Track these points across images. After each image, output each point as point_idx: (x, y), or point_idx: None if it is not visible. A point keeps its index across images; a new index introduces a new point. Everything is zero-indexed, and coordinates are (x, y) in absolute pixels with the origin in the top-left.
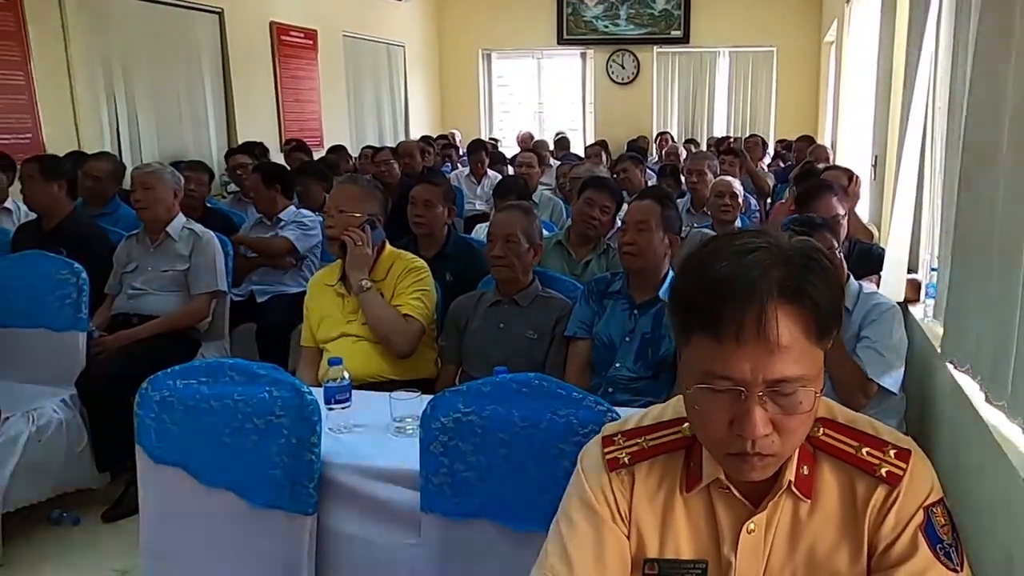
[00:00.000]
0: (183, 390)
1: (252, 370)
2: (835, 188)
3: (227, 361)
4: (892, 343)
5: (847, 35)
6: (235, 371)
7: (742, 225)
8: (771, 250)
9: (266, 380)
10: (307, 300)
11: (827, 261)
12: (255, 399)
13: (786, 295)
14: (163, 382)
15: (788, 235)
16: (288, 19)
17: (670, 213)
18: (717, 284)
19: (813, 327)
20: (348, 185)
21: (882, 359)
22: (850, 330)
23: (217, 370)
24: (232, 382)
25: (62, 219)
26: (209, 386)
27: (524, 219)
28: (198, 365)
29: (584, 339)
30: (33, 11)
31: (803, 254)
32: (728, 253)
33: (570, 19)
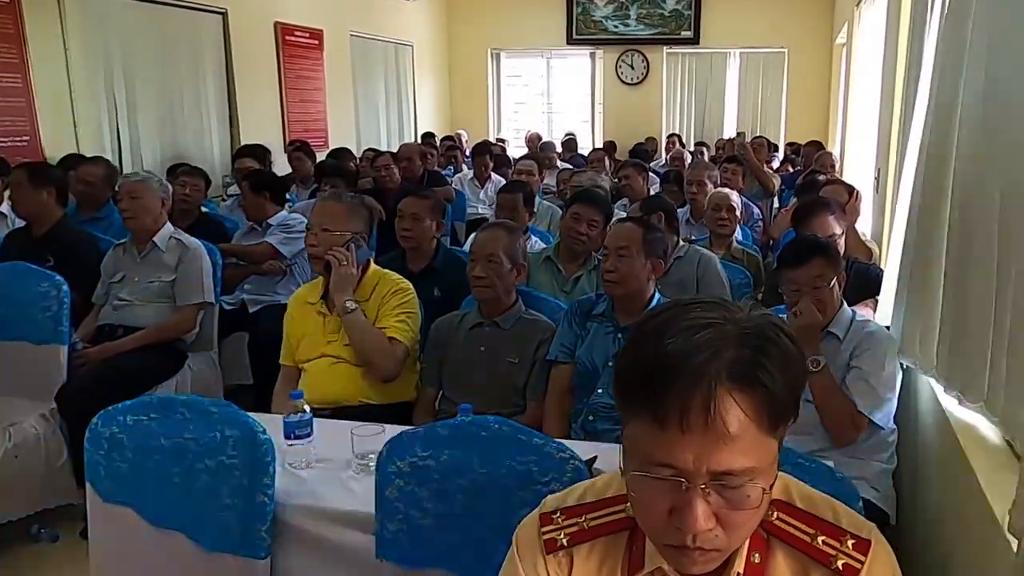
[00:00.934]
0: (133, 427)
1: (205, 407)
2: (832, 206)
3: (179, 397)
4: (884, 375)
5: (856, 39)
6: (187, 408)
7: (743, 236)
8: (724, 328)
9: (218, 418)
10: (287, 317)
11: (787, 340)
12: (206, 438)
13: (737, 380)
14: (113, 418)
15: (750, 305)
16: (293, 19)
17: (653, 236)
18: (662, 364)
19: (766, 416)
20: (332, 202)
21: (873, 392)
22: (840, 359)
23: (168, 406)
24: (183, 419)
25: (51, 226)
26: (160, 423)
27: (507, 238)
28: (149, 401)
29: (566, 363)
30: (32, 13)
31: (760, 333)
32: (678, 328)
33: (580, 19)
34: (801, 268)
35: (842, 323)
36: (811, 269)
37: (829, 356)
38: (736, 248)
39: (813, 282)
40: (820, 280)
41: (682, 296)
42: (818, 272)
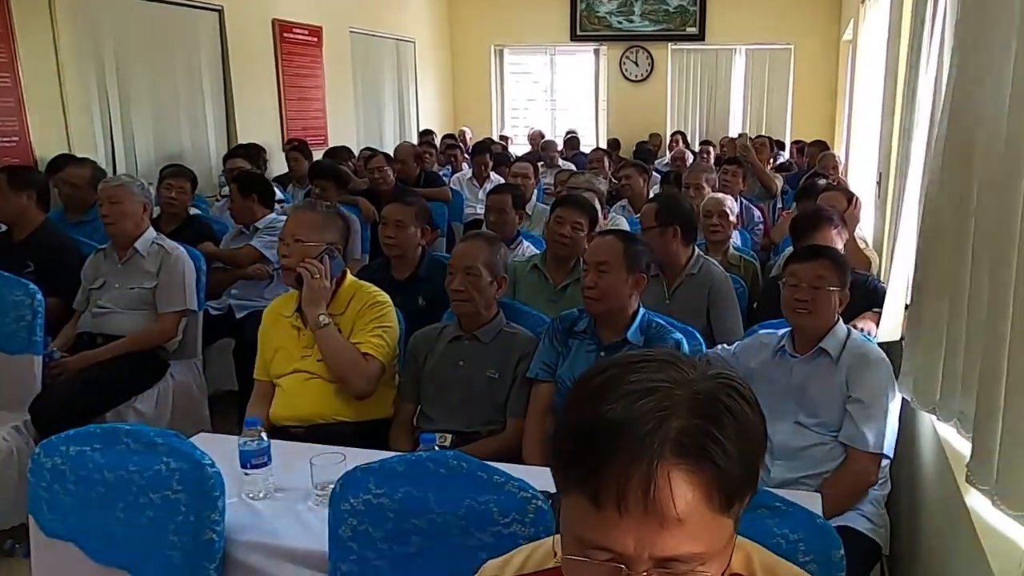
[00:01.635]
0: (75, 458)
1: (150, 438)
2: (834, 219)
3: (123, 427)
4: (886, 402)
5: (861, 37)
6: (131, 438)
7: (741, 241)
8: (672, 393)
9: (164, 450)
10: (261, 330)
11: (746, 406)
12: (151, 471)
13: (683, 455)
14: (55, 448)
15: (705, 361)
16: (291, 16)
17: (634, 250)
18: (599, 434)
19: (717, 494)
20: (306, 212)
21: (880, 424)
22: (835, 379)
23: (113, 436)
24: (128, 451)
25: (32, 231)
26: (103, 454)
27: (487, 250)
28: (93, 430)
29: (547, 382)
30: (21, 11)
31: (712, 399)
32: (620, 391)
33: (584, 15)
34: (807, 263)
35: (836, 340)
36: (816, 267)
37: (821, 374)
38: (733, 254)
39: (814, 281)
40: (820, 281)
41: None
42: (821, 272)
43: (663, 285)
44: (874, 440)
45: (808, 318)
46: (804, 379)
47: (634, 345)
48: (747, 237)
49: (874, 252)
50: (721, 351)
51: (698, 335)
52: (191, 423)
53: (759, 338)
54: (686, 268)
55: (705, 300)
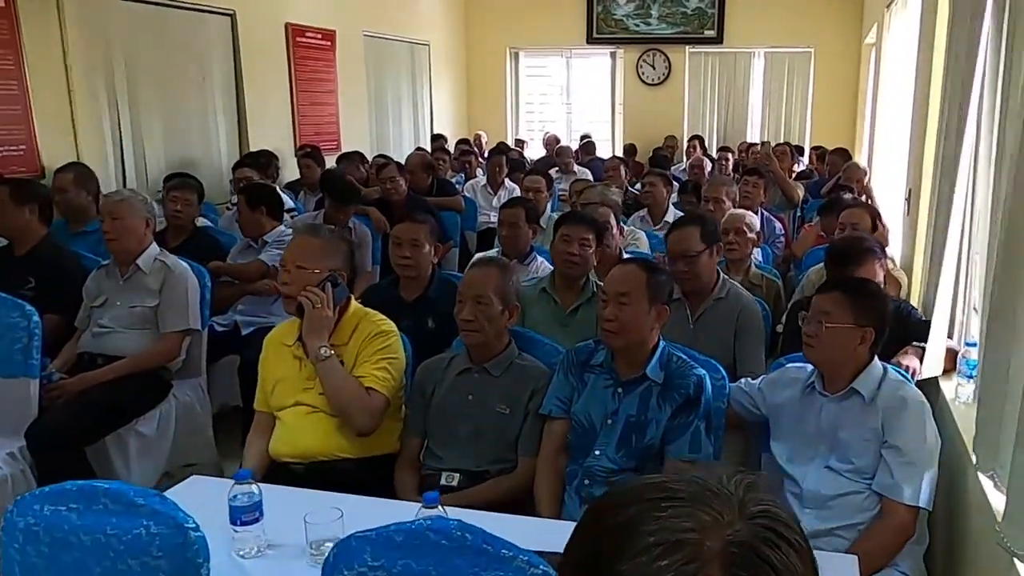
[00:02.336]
0: (50, 518)
1: (130, 498)
2: (878, 251)
3: (102, 485)
4: (926, 449)
5: (885, 43)
6: (110, 498)
7: (763, 256)
8: (702, 546)
9: (145, 512)
10: (262, 359)
11: (790, 554)
12: (130, 535)
13: None
14: (29, 506)
15: (743, 487)
16: (305, 20)
17: (657, 280)
18: None
19: None
20: (307, 237)
21: (919, 474)
22: (869, 423)
23: (91, 496)
24: (106, 511)
25: (33, 245)
26: (80, 515)
27: (499, 278)
28: (69, 488)
29: (561, 419)
30: (29, 17)
31: (750, 551)
32: (640, 546)
33: (600, 17)
34: (818, 295)
35: (870, 381)
36: (823, 300)
37: (853, 416)
38: (754, 273)
39: (818, 315)
40: (824, 316)
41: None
42: (827, 307)
43: (687, 310)
44: (913, 492)
45: (812, 353)
46: (835, 420)
47: (653, 381)
48: (768, 251)
49: (902, 272)
50: (745, 385)
51: (721, 369)
52: (194, 444)
53: (787, 372)
54: (713, 292)
55: (732, 327)
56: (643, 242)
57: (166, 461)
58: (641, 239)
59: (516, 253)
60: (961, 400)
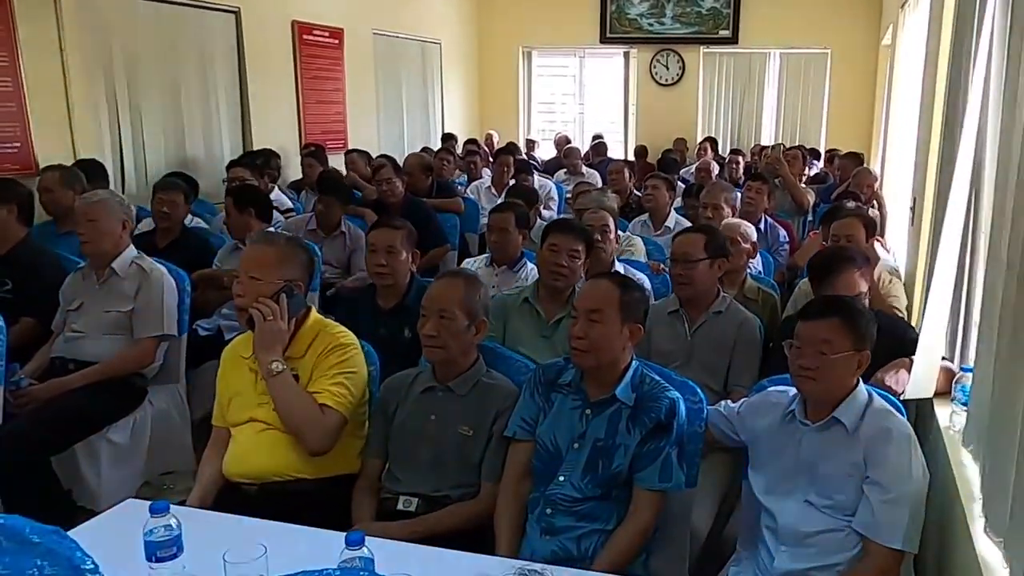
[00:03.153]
0: None
1: (24, 535)
2: (858, 260)
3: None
4: (912, 486)
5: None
6: (4, 535)
7: (763, 263)
8: None
9: (40, 551)
10: (220, 372)
11: None
12: (23, 575)
13: None
14: None
15: None
16: (312, 18)
17: (631, 298)
18: None
19: None
20: (261, 245)
21: (903, 514)
22: (850, 455)
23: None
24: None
25: (12, 246)
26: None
27: (464, 290)
28: None
29: (526, 442)
30: (26, 12)
31: None
32: None
33: (614, 17)
34: (813, 322)
35: (853, 410)
36: (823, 329)
37: (834, 448)
38: (750, 286)
39: (820, 346)
40: (827, 346)
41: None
42: (828, 335)
43: (684, 323)
44: (896, 534)
45: (813, 386)
46: (815, 453)
47: (623, 403)
48: (770, 261)
49: (901, 289)
50: (724, 409)
51: (699, 391)
52: (171, 453)
53: (768, 397)
54: (711, 306)
55: (730, 343)
56: (639, 249)
57: (141, 470)
58: (637, 245)
59: (506, 258)
60: (955, 429)
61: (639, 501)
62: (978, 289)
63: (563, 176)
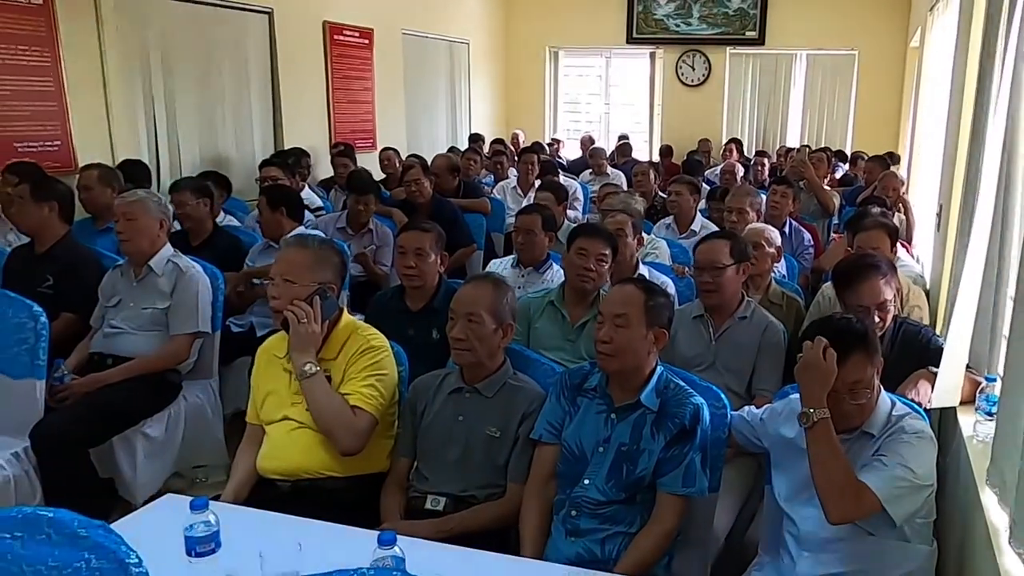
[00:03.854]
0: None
1: (73, 529)
2: (883, 267)
3: (47, 514)
4: (912, 471)
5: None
6: (54, 528)
7: (787, 266)
8: None
9: (87, 544)
10: (254, 370)
11: None
12: (70, 568)
13: None
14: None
15: None
16: (343, 18)
17: (656, 302)
18: None
19: None
20: (295, 249)
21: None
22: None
23: (34, 524)
24: (48, 542)
25: (53, 243)
26: (24, 544)
27: (492, 294)
28: (14, 515)
29: (551, 444)
30: (66, 14)
31: None
32: None
33: (640, 17)
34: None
35: (879, 419)
36: (848, 371)
37: (854, 454)
38: (775, 291)
39: (849, 387)
40: (858, 386)
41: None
42: (856, 377)
43: (709, 328)
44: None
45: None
46: None
47: (648, 409)
48: (794, 265)
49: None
50: (748, 415)
51: (723, 396)
52: (203, 446)
53: (791, 403)
54: (736, 311)
55: (755, 348)
56: (663, 251)
57: (174, 463)
58: (661, 248)
59: (532, 260)
60: (979, 438)
61: (662, 505)
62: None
63: (588, 176)
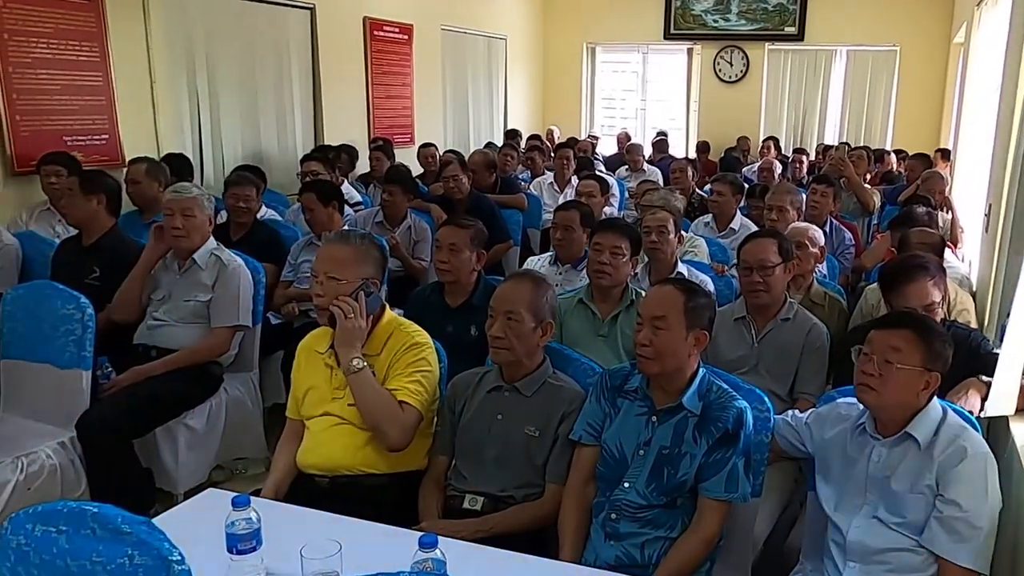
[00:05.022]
0: (40, 539)
1: (117, 524)
2: (931, 269)
3: (91, 509)
4: (987, 508)
5: (974, 43)
6: (98, 523)
7: (828, 266)
8: None
9: (131, 540)
10: (295, 365)
11: None
12: (114, 564)
13: None
14: (22, 525)
15: None
16: (383, 14)
17: (696, 303)
18: None
19: None
20: (337, 245)
21: (980, 534)
22: (923, 474)
23: (79, 519)
24: (93, 537)
25: (101, 235)
26: (68, 538)
27: (532, 292)
28: (59, 509)
29: (591, 446)
30: (115, 9)
31: None
32: None
33: (678, 13)
34: (884, 330)
35: (926, 425)
36: (891, 336)
37: (907, 465)
38: (816, 291)
39: (886, 352)
40: (894, 354)
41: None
42: (898, 343)
43: (752, 330)
44: (974, 556)
45: (873, 397)
46: (886, 468)
47: (690, 412)
48: (835, 265)
49: (970, 300)
50: (792, 419)
51: (766, 399)
52: (243, 438)
53: (837, 408)
54: (779, 312)
55: (798, 350)
56: (702, 249)
57: (215, 455)
58: (700, 246)
59: (569, 257)
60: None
61: (704, 510)
62: None
63: (624, 173)
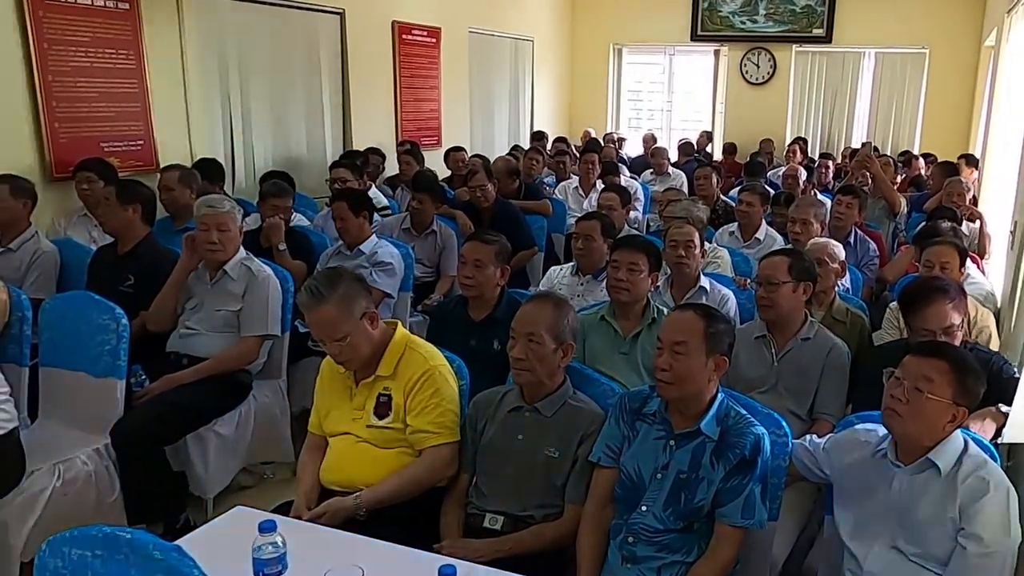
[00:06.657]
0: (76, 563)
1: (148, 551)
2: (951, 292)
3: (125, 534)
4: (1009, 542)
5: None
6: (131, 549)
7: (851, 279)
8: None
9: (161, 567)
10: (319, 381)
11: None
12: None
13: None
14: (59, 548)
15: None
16: (411, 18)
17: (717, 329)
18: None
19: None
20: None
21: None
22: (946, 508)
23: (113, 544)
24: (125, 563)
25: (135, 244)
26: (103, 563)
27: (553, 315)
28: (95, 534)
29: (610, 468)
30: (151, 17)
31: None
32: None
33: (705, 14)
34: (918, 357)
35: (948, 454)
36: (925, 365)
37: (929, 494)
38: (839, 307)
39: (917, 380)
40: (926, 383)
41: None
42: (930, 374)
43: (771, 349)
44: None
45: (899, 423)
46: (908, 497)
47: (708, 437)
48: (859, 277)
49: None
50: (810, 444)
51: (784, 423)
52: (271, 444)
53: (856, 435)
54: (799, 332)
55: (818, 370)
56: (725, 261)
57: (243, 460)
58: (723, 258)
59: (590, 267)
60: None
61: (720, 536)
62: None
63: (649, 176)
